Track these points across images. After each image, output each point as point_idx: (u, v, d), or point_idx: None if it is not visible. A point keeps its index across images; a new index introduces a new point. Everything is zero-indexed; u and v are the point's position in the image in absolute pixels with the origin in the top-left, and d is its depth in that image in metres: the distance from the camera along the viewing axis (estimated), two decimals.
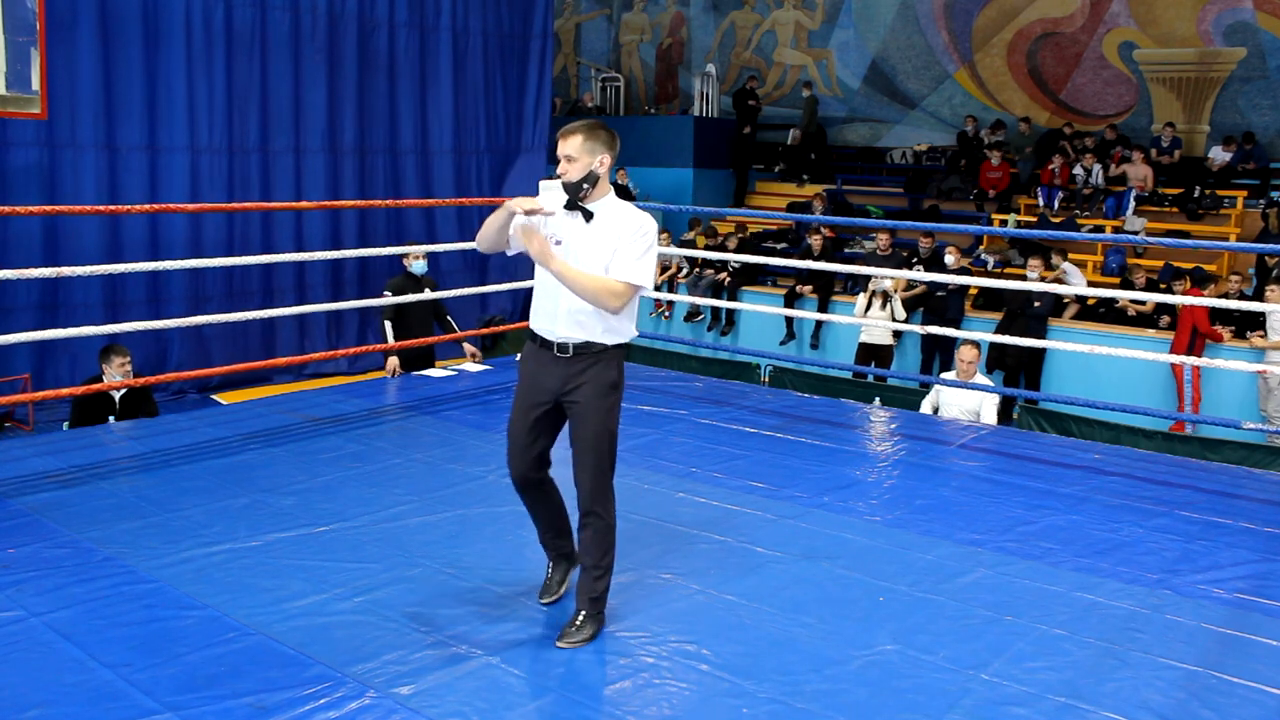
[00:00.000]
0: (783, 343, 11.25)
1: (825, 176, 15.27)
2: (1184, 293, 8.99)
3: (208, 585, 3.36)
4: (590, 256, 3.03)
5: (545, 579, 3.38)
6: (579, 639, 3.05)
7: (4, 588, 3.31)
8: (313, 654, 2.95)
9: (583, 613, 3.09)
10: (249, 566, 3.53)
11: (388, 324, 7.00)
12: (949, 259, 9.90)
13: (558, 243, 3.05)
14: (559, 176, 3.03)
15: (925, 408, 6.73)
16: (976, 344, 6.77)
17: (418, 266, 7.08)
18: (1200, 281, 9.83)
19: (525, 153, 12.42)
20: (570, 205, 3.05)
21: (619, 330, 3.10)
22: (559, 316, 3.06)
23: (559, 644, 3.03)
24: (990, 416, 6.45)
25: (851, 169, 15.67)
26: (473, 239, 3.54)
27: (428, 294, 6.98)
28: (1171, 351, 8.80)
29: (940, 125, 15.13)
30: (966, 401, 6.50)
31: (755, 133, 15.66)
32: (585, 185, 3.03)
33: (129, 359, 6.01)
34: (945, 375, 7.19)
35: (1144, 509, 4.46)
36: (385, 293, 6.99)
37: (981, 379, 6.85)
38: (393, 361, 6.84)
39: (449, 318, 7.30)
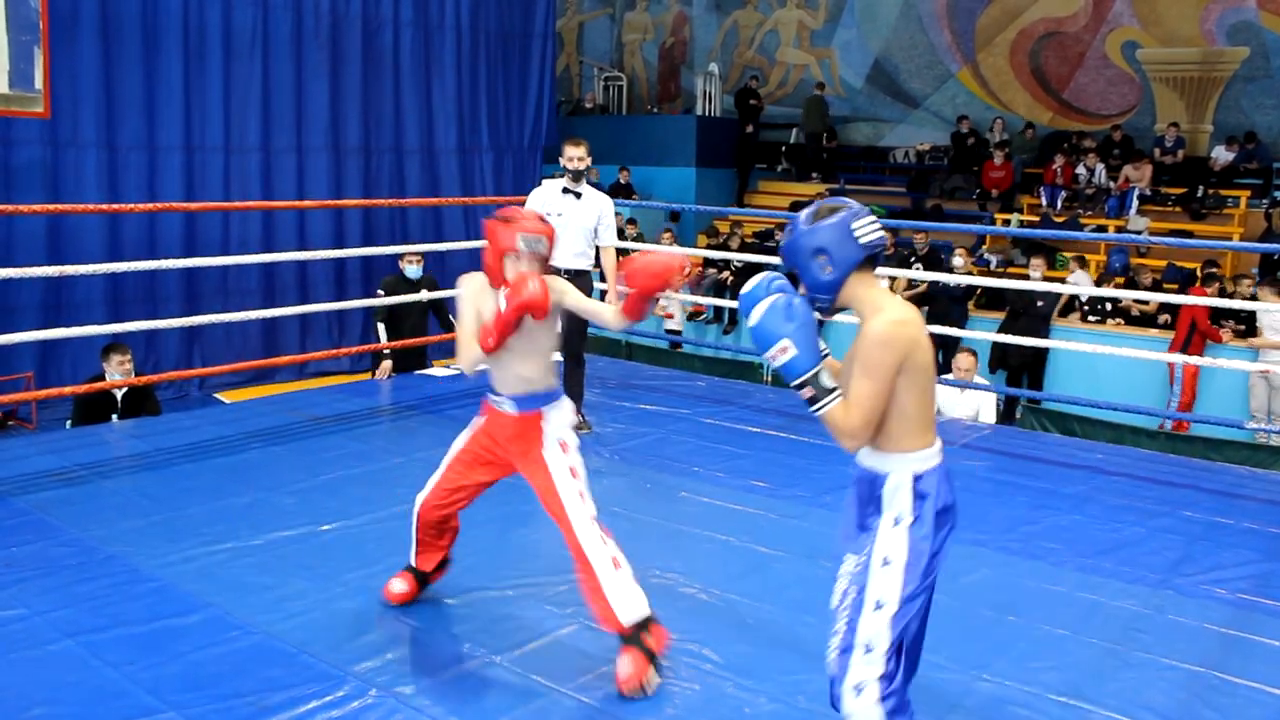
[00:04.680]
0: None
1: (828, 176, 15.26)
2: (1189, 293, 8.97)
3: (210, 584, 3.36)
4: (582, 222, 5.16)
5: None
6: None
7: (7, 586, 3.31)
8: (315, 653, 2.95)
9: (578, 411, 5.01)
10: (251, 565, 3.54)
11: (381, 325, 6.92)
12: (957, 261, 9.86)
13: (559, 215, 4.95)
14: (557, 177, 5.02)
15: None
16: (974, 352, 6.74)
17: (411, 271, 6.99)
18: (1204, 281, 9.81)
19: (529, 151, 12.41)
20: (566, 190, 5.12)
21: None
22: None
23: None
24: (989, 419, 6.43)
25: (854, 168, 15.65)
26: (477, 238, 5.05)
27: (424, 294, 6.93)
28: (1170, 349, 8.79)
29: (943, 125, 15.09)
30: (965, 405, 6.48)
31: (757, 132, 15.64)
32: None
33: (129, 357, 6.01)
34: (944, 378, 7.16)
35: (1147, 509, 4.45)
36: (379, 292, 6.93)
37: (978, 382, 6.82)
38: (385, 364, 6.79)
39: (451, 316, 7.24)
